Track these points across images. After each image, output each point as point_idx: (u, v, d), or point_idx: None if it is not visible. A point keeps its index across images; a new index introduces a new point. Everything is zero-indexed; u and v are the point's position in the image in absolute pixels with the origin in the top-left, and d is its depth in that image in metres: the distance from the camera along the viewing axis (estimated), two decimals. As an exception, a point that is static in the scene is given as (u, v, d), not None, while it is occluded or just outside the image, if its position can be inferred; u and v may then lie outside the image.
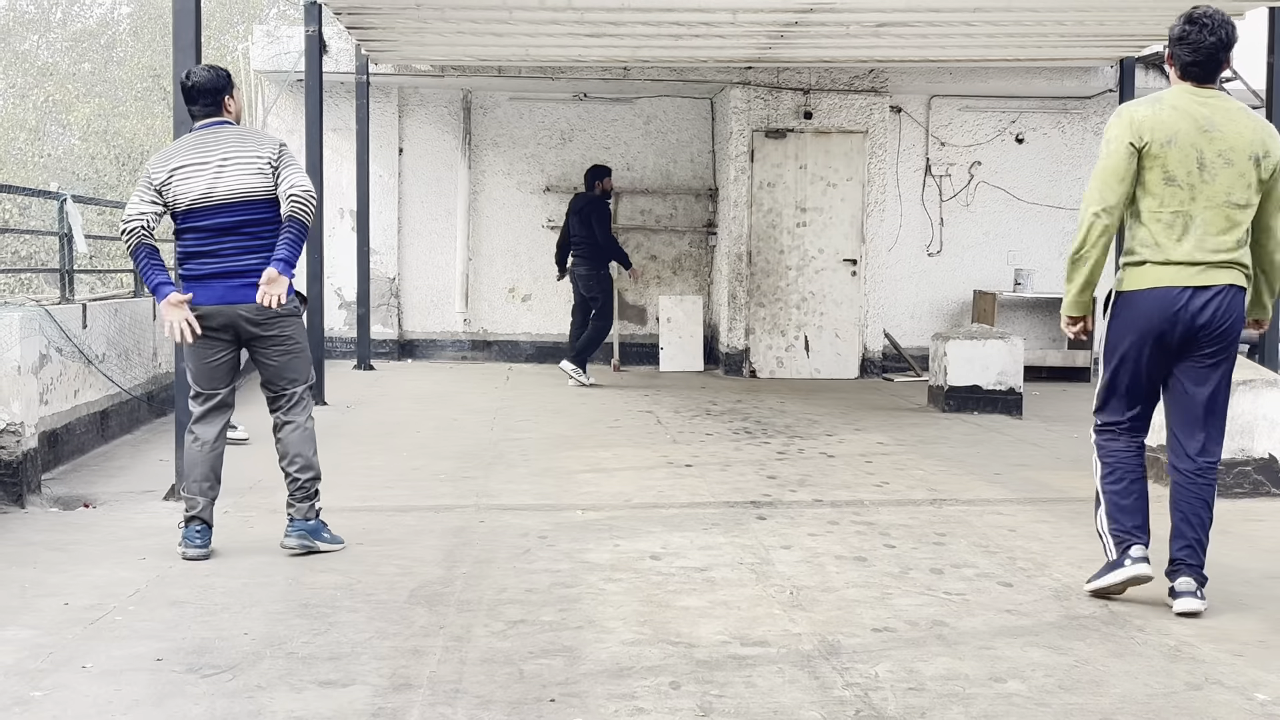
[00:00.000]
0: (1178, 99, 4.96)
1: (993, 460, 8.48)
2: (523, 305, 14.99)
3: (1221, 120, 4.91)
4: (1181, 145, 4.88)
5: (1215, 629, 4.67)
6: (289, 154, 5.63)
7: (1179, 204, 4.92)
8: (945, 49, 12.24)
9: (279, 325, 5.59)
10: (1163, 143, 4.89)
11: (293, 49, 13.49)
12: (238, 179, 5.52)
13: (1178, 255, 4.94)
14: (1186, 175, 4.89)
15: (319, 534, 5.72)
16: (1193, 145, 4.88)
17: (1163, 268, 4.97)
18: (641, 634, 4.50)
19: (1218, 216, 4.91)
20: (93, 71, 34.49)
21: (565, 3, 9.94)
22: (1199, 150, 4.88)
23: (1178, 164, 4.89)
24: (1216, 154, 4.88)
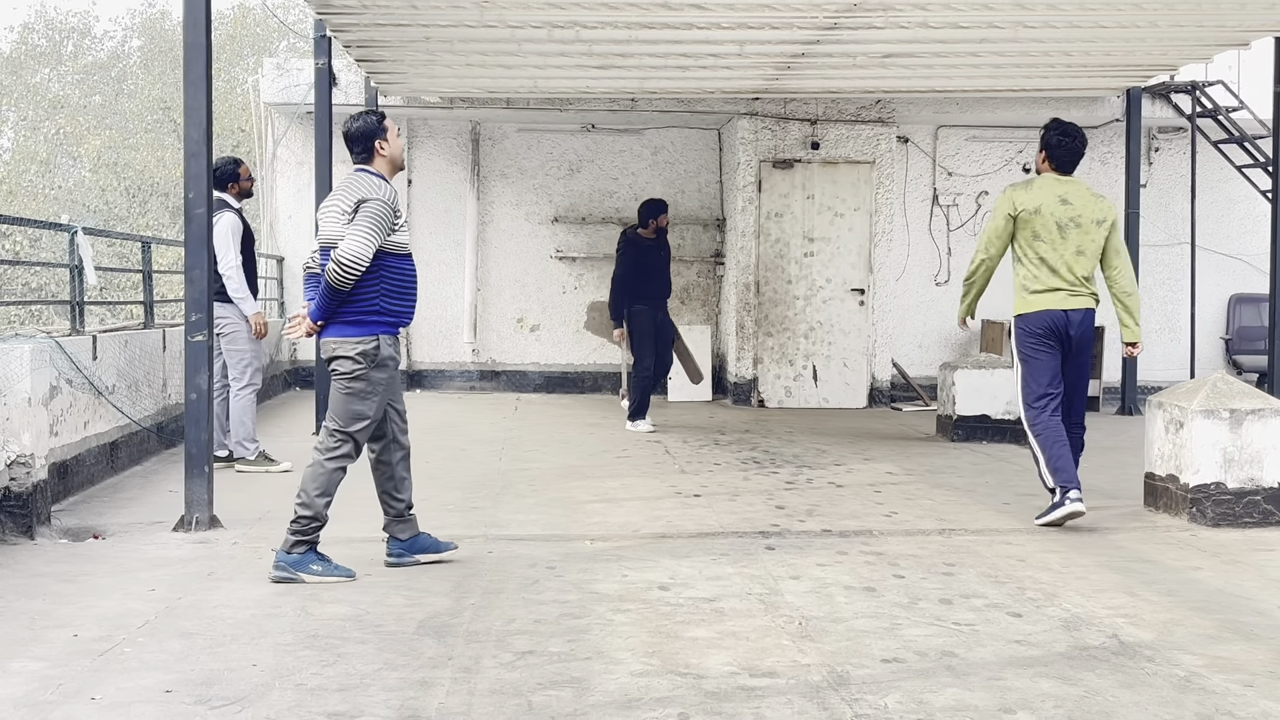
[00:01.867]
0: (1044, 182, 7.43)
1: (1001, 490, 8.47)
2: (531, 335, 15.02)
3: (1074, 197, 7.37)
4: (1044, 214, 7.29)
5: (1226, 659, 4.65)
6: (365, 210, 5.77)
7: (1045, 251, 7.32)
8: (952, 79, 12.28)
9: (334, 365, 5.87)
10: (1031, 212, 7.32)
11: (302, 81, 13.58)
12: (326, 225, 5.86)
13: (1051, 286, 7.31)
14: (1048, 234, 7.31)
15: (300, 566, 5.78)
16: (1053, 214, 7.30)
17: (1045, 295, 7.31)
18: (650, 665, 4.50)
19: (1074, 262, 7.31)
20: (103, 104, 34.71)
21: (573, 35, 10.00)
22: (1057, 216, 7.30)
23: (1042, 227, 7.31)
24: (1069, 219, 7.31)
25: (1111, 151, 14.77)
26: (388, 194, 5.83)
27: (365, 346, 5.81)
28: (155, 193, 30.70)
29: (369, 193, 5.78)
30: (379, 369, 5.85)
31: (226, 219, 8.72)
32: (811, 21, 9.62)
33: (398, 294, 5.89)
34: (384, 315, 5.85)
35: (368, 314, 5.81)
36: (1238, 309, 14.99)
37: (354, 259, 5.66)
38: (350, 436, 5.88)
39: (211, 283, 6.99)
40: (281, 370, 14.38)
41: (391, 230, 5.82)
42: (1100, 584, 5.84)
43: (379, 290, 5.82)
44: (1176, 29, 9.93)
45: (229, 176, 8.95)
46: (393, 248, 5.85)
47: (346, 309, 5.80)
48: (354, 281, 5.72)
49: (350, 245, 5.67)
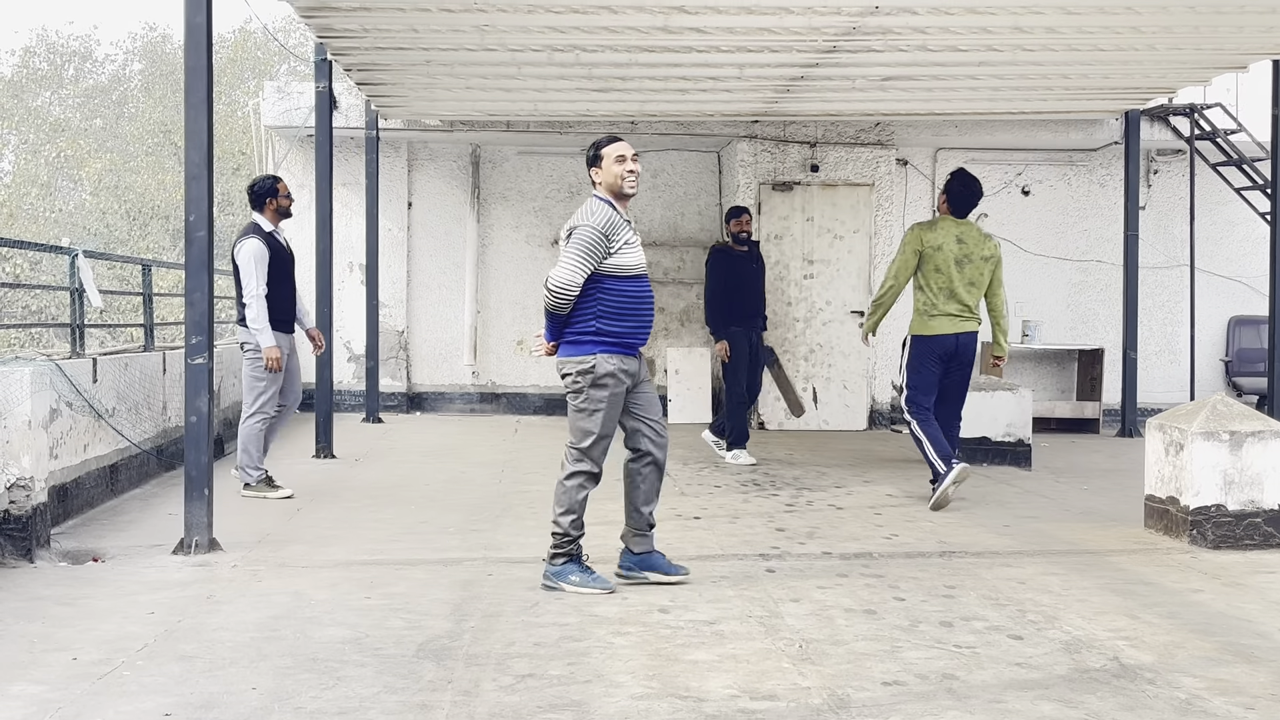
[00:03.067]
0: (945, 224, 8.83)
1: (1001, 512, 8.46)
2: (531, 358, 15.01)
3: (968, 237, 8.80)
4: (945, 251, 8.69)
5: (1227, 682, 4.64)
6: (576, 236, 5.99)
7: (944, 283, 8.70)
8: (950, 102, 12.32)
9: (564, 383, 6.13)
10: (934, 249, 8.71)
11: (303, 105, 13.62)
12: (561, 251, 6.06)
13: (946, 312, 8.71)
14: (948, 268, 8.69)
15: (561, 577, 6.04)
16: (951, 251, 8.71)
17: (941, 320, 8.72)
18: (650, 688, 4.49)
19: (965, 292, 8.73)
20: (104, 127, 34.80)
21: (573, 58, 10.04)
22: (954, 253, 8.71)
23: (943, 261, 8.69)
24: (964, 256, 8.74)
25: (1110, 174, 14.80)
26: (601, 220, 6.01)
27: (583, 365, 5.98)
28: (156, 216, 30.74)
29: (582, 220, 6.02)
30: (598, 387, 5.99)
31: (250, 246, 8.55)
32: (810, 45, 9.66)
33: (615, 315, 6.04)
34: (602, 336, 6.01)
35: (584, 334, 6.01)
36: (1237, 331, 15.00)
37: (560, 284, 5.93)
38: (583, 453, 6.06)
39: (211, 305, 6.98)
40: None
41: (608, 254, 6.00)
42: (1101, 606, 5.83)
43: (594, 312, 6.00)
44: (1174, 52, 9.97)
45: (267, 193, 8.79)
46: (612, 270, 6.03)
47: (568, 330, 6.06)
48: (566, 305, 5.98)
49: (557, 271, 5.96)
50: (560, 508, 6.07)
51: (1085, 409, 14.07)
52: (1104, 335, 14.76)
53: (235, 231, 10.47)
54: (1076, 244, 14.94)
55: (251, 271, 8.54)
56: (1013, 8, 8.60)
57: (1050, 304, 14.91)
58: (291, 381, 8.94)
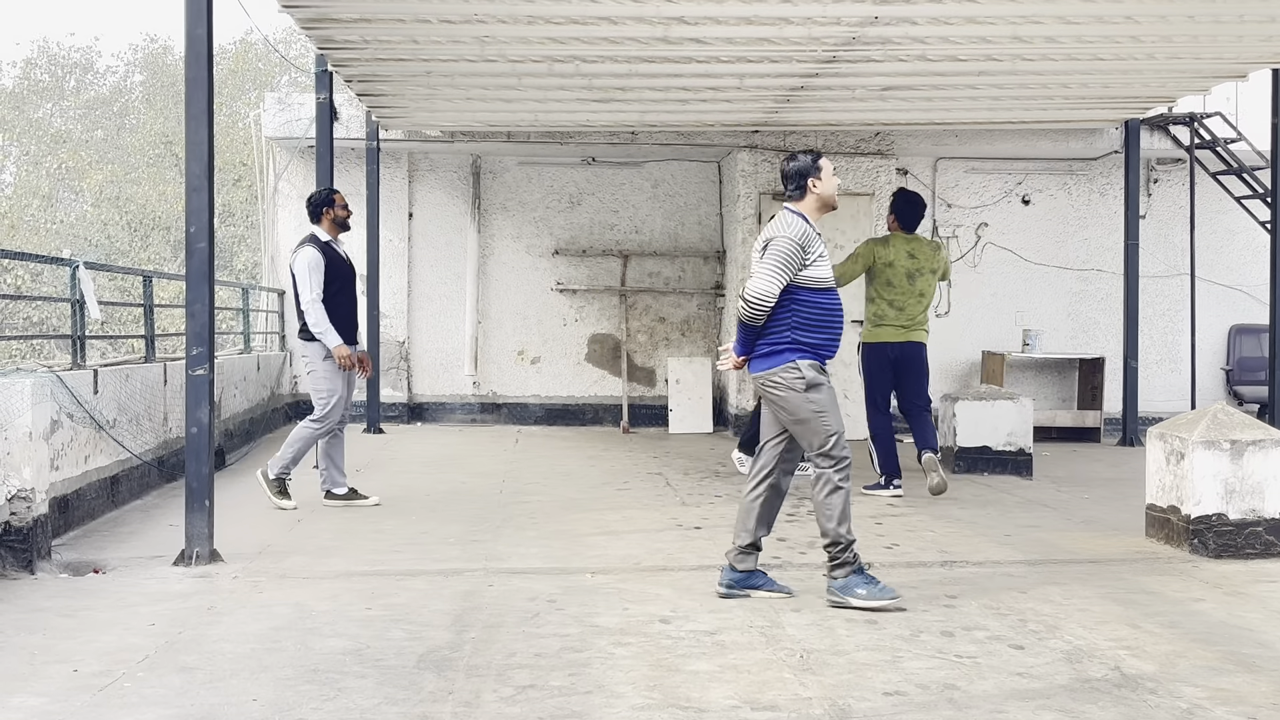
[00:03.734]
0: (896, 240, 9.51)
1: (1003, 522, 8.46)
2: (532, 368, 15.03)
3: (918, 252, 9.48)
4: (897, 267, 9.38)
5: (1229, 691, 4.64)
6: (772, 249, 6.01)
7: (895, 295, 9.41)
8: (950, 112, 12.33)
9: (767, 396, 6.11)
10: (886, 264, 9.40)
11: (304, 116, 13.64)
12: (755, 263, 6.10)
13: (896, 323, 9.44)
14: (900, 282, 9.39)
15: (847, 590, 5.97)
16: (903, 266, 9.39)
17: (883, 329, 9.47)
18: (651, 699, 4.49)
19: (914, 303, 9.45)
20: (105, 139, 34.84)
21: (574, 69, 10.05)
22: (906, 267, 9.39)
23: (894, 276, 9.39)
24: (915, 270, 9.41)
25: (1110, 183, 14.82)
26: (798, 232, 6.04)
27: (789, 371, 5.99)
28: (157, 227, 30.77)
29: (778, 231, 6.04)
30: (814, 389, 6.00)
31: (305, 254, 8.55)
32: (810, 55, 9.67)
33: (811, 326, 6.05)
34: (798, 345, 6.02)
35: (780, 344, 6.03)
36: (1238, 340, 15.00)
37: (756, 296, 5.96)
38: (830, 455, 6.02)
39: (212, 316, 6.99)
40: (283, 403, 14.38)
41: (803, 266, 6.00)
42: (1102, 616, 5.83)
43: (790, 323, 6.02)
44: (1174, 61, 9.98)
45: (324, 204, 8.76)
46: (806, 282, 6.04)
47: (762, 342, 6.08)
48: (761, 316, 6.00)
49: (754, 283, 5.98)
50: (830, 520, 5.99)
51: (1086, 418, 14.07)
52: (1105, 344, 14.76)
53: (231, 241, 10.45)
54: (1077, 253, 14.94)
55: (306, 278, 8.53)
56: (1011, 17, 8.62)
57: (1051, 313, 14.91)
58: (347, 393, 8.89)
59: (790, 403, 6.01)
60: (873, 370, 9.58)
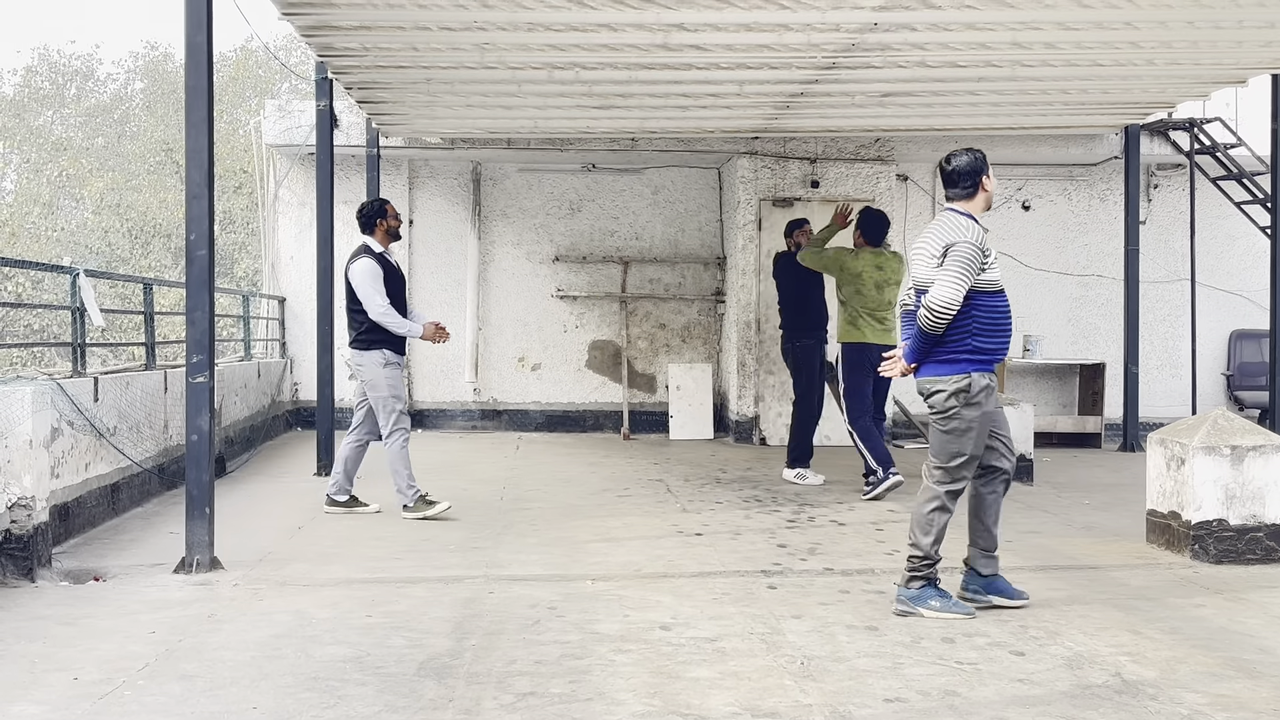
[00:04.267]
0: (863, 254, 10.02)
1: (1003, 527, 8.41)
2: (532, 374, 15.03)
3: (885, 263, 10.01)
4: (864, 277, 9.92)
5: (1229, 697, 4.64)
6: (954, 254, 5.91)
7: (865, 303, 9.90)
8: (950, 118, 12.33)
9: (929, 402, 6.07)
10: (854, 274, 9.92)
11: (304, 123, 13.65)
12: (918, 268, 6.06)
13: (869, 326, 9.91)
14: (869, 291, 9.91)
15: (919, 601, 5.94)
16: (871, 277, 9.93)
17: (863, 332, 9.90)
18: (652, 706, 4.48)
19: (885, 311, 9.93)
20: (106, 146, 34.86)
21: (574, 75, 10.06)
22: (874, 279, 9.93)
23: (864, 285, 9.91)
24: (883, 281, 9.97)
25: (1111, 188, 14.82)
26: (975, 235, 5.98)
27: (959, 385, 5.95)
28: (158, 234, 30.78)
29: (956, 236, 5.94)
30: (971, 407, 5.97)
31: (364, 265, 8.56)
32: (810, 61, 9.67)
33: (989, 331, 6.01)
34: (976, 354, 5.98)
35: (960, 353, 5.96)
36: (1239, 345, 15.00)
37: (944, 305, 5.85)
38: (951, 474, 6.01)
39: (212, 323, 6.99)
40: (283, 410, 14.38)
41: (981, 269, 5.95)
42: (1103, 622, 5.83)
43: (970, 329, 5.96)
44: (1174, 67, 9.98)
45: (377, 215, 8.78)
46: (984, 286, 5.99)
47: (940, 348, 5.97)
48: (946, 324, 5.88)
49: (940, 291, 5.84)
50: (922, 532, 5.99)
51: (1087, 423, 14.06)
52: (1105, 350, 14.76)
53: (232, 248, 10.43)
54: (1077, 259, 14.95)
55: (370, 289, 8.54)
56: (1011, 24, 8.62)
57: (1051, 319, 14.91)
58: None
59: (945, 412, 5.97)
60: (858, 370, 9.88)
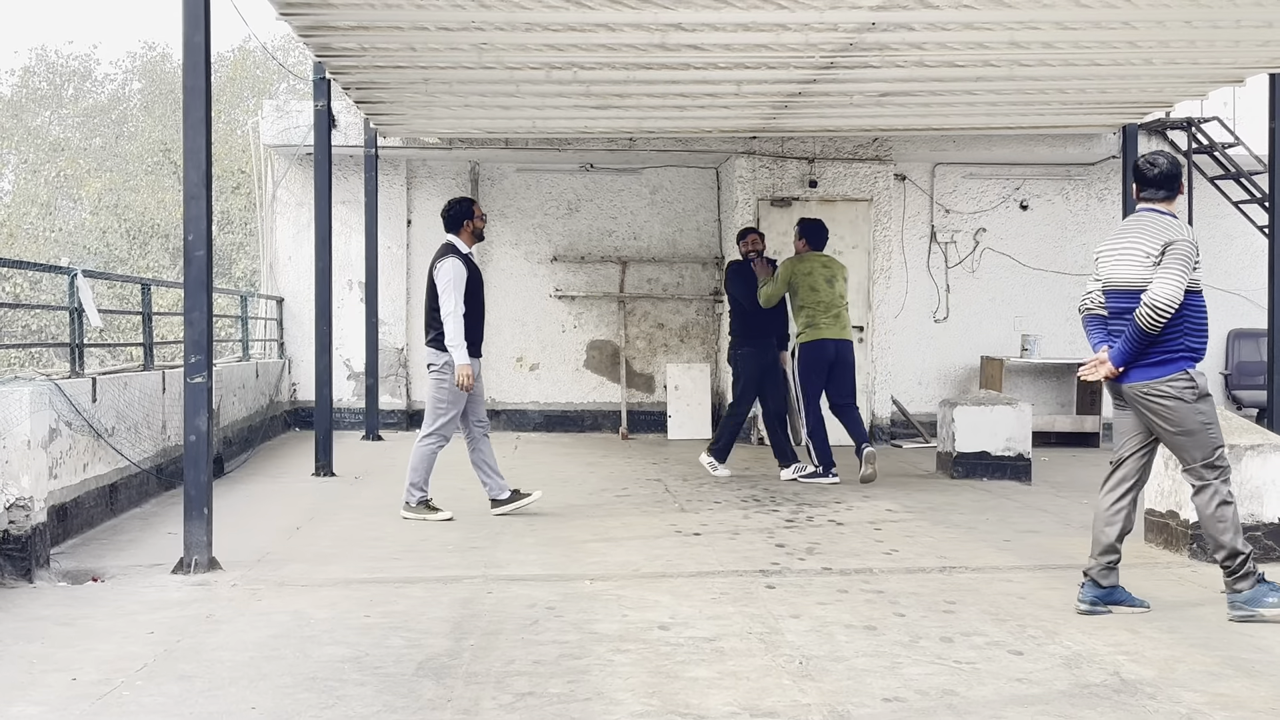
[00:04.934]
0: (809, 258, 10.70)
1: (1002, 527, 8.46)
2: (530, 374, 15.03)
3: (829, 265, 10.74)
4: (815, 274, 10.60)
5: (1228, 696, 4.64)
6: (1174, 253, 5.86)
7: (820, 299, 10.56)
8: (948, 117, 12.34)
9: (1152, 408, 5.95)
10: (805, 274, 10.61)
11: (302, 123, 13.65)
12: (1119, 268, 5.99)
13: (826, 323, 10.56)
14: (820, 286, 10.58)
15: (1255, 602, 5.86)
16: (821, 275, 10.62)
17: (820, 329, 10.55)
18: (650, 705, 4.48)
19: (839, 303, 10.64)
20: (104, 146, 34.84)
21: (571, 75, 10.06)
22: (824, 275, 10.63)
23: (814, 281, 10.58)
24: (832, 275, 10.69)
25: (1109, 188, 14.83)
26: (1191, 234, 5.95)
27: (1179, 383, 5.90)
28: (156, 234, 30.77)
29: (1175, 234, 5.90)
30: (1205, 399, 5.92)
31: (451, 265, 8.53)
32: (808, 61, 9.68)
33: (1199, 331, 6.00)
34: (1190, 352, 5.94)
35: (1175, 352, 5.92)
36: (1236, 344, 15.01)
37: (1167, 302, 5.80)
38: (1213, 466, 5.94)
39: (210, 323, 6.98)
40: (281, 411, 14.38)
41: (1194, 268, 5.93)
42: (1101, 621, 5.83)
43: (1183, 329, 5.94)
44: (1172, 66, 9.98)
45: (464, 215, 8.74)
46: (1193, 286, 5.97)
47: (1152, 350, 5.90)
48: (1165, 323, 5.83)
49: (1163, 289, 5.79)
50: (1224, 533, 5.91)
51: (1085, 423, 14.07)
52: (1103, 349, 14.72)
53: (230, 248, 10.41)
54: (1075, 258, 14.95)
55: (450, 291, 8.51)
56: (1009, 23, 8.62)
57: (1049, 318, 14.92)
58: (476, 404, 8.89)
59: (1177, 414, 5.91)
60: (812, 369, 10.59)
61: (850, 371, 10.72)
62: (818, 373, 10.58)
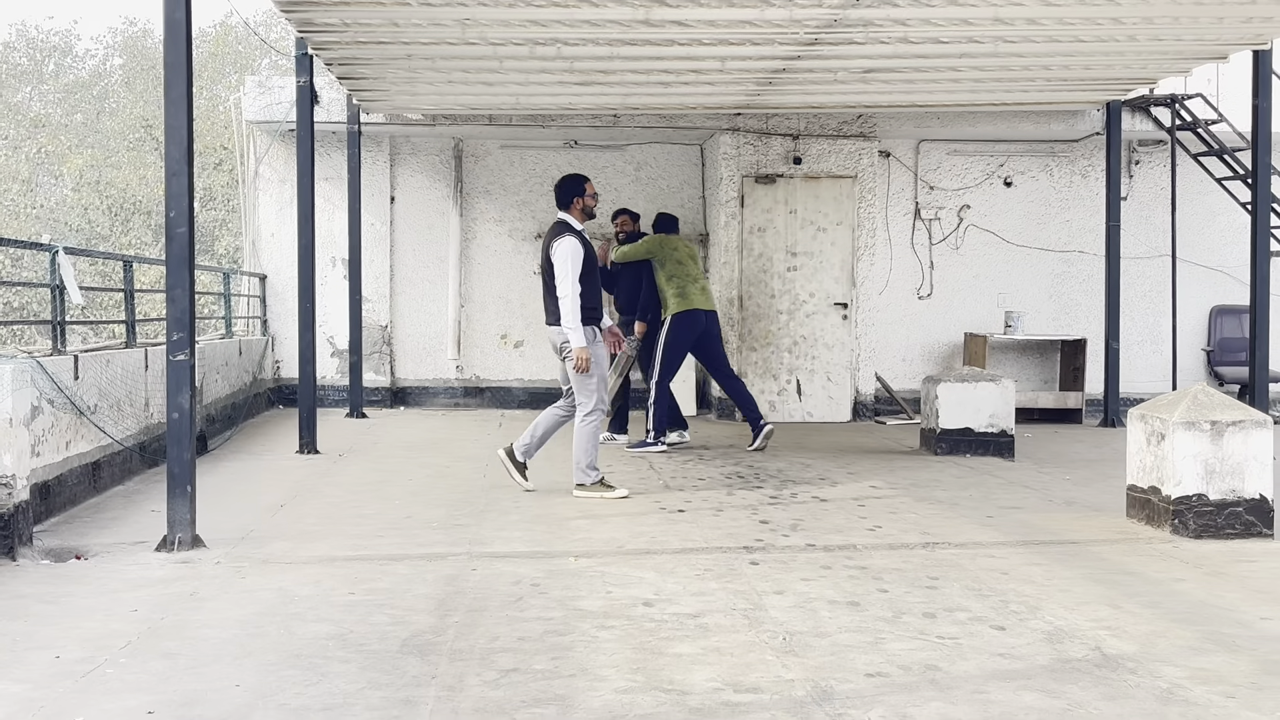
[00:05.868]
0: (668, 237, 11.33)
1: (985, 503, 8.49)
2: (515, 352, 15.01)
3: (686, 245, 11.39)
4: (680, 250, 11.25)
5: (1208, 671, 4.67)
6: None
7: (688, 270, 11.16)
8: (933, 94, 12.33)
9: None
10: (672, 249, 11.21)
11: (284, 99, 13.58)
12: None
13: (695, 294, 11.11)
14: (686, 260, 11.21)
15: None
16: (684, 249, 11.28)
17: (692, 300, 11.09)
18: (634, 682, 4.50)
19: (702, 277, 11.32)
20: (85, 123, 34.65)
21: (555, 51, 10.02)
22: (686, 251, 11.30)
23: (679, 255, 11.20)
24: (691, 254, 11.36)
25: (1092, 165, 14.84)
26: None
27: None
28: (138, 211, 30.63)
29: None
30: None
31: (568, 243, 8.51)
32: (793, 38, 9.66)
33: None
34: None
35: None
36: (1219, 321, 15.06)
37: None
38: None
39: (193, 301, 6.95)
40: (265, 388, 14.35)
41: None
42: (1083, 596, 5.86)
43: None
44: (1155, 43, 9.99)
45: (575, 193, 8.74)
46: None
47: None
48: None
49: None
50: None
51: (1068, 399, 14.12)
52: (1086, 325, 14.80)
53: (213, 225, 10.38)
54: (1059, 235, 14.97)
55: (567, 270, 8.49)
56: (993, 0, 8.61)
57: (1033, 295, 14.94)
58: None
59: None
60: (682, 339, 11.12)
61: (719, 343, 11.42)
62: (686, 343, 11.14)
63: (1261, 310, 11.00)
